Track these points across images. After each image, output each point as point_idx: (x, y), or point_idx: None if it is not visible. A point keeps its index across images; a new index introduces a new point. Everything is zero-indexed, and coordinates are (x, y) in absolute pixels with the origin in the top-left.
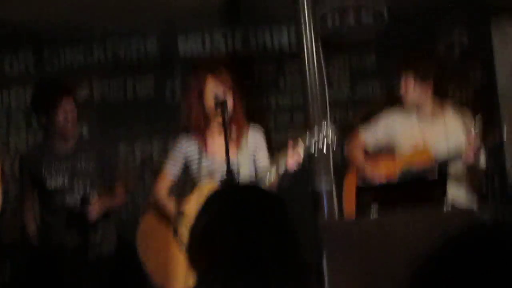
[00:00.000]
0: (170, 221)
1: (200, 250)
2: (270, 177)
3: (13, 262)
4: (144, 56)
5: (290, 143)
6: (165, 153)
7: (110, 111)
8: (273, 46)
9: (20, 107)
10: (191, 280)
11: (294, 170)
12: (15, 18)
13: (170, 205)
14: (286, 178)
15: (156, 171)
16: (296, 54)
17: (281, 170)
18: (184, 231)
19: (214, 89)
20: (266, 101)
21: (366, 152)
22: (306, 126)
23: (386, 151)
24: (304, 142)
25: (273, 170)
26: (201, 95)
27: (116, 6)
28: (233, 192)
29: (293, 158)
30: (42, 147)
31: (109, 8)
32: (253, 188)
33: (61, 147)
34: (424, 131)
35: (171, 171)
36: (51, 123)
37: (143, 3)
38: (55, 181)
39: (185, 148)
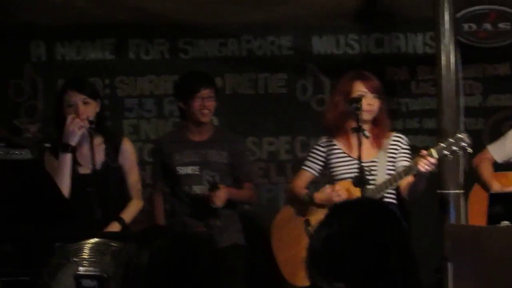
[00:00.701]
0: (304, 214)
1: (319, 262)
2: (402, 180)
3: (146, 248)
4: (277, 53)
5: (424, 151)
6: (291, 150)
7: (240, 105)
8: (407, 50)
9: (153, 93)
10: None
11: (426, 175)
12: (153, 8)
13: (299, 189)
14: (419, 181)
15: (281, 167)
16: (430, 59)
17: (414, 173)
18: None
19: (360, 92)
20: (396, 105)
21: (494, 167)
22: (437, 132)
23: None
24: (438, 150)
25: (406, 172)
26: (346, 97)
27: (253, 3)
28: (355, 207)
29: (426, 163)
30: (177, 133)
31: (245, 4)
32: (376, 204)
33: (195, 136)
34: None
35: (311, 167)
36: (188, 110)
37: (279, 2)
38: (185, 169)
39: (327, 147)
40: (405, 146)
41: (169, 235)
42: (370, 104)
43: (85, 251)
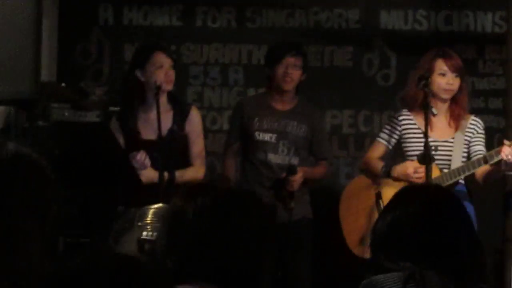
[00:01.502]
0: (376, 186)
1: (385, 245)
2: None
3: (190, 204)
4: (344, 26)
5: (507, 141)
6: (355, 124)
7: (306, 77)
8: (476, 28)
9: (219, 62)
10: None
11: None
12: None
13: (375, 161)
14: (496, 170)
15: (343, 141)
16: (498, 38)
17: (494, 161)
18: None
19: (442, 70)
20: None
21: None
22: (503, 112)
23: None
24: None
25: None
26: (429, 73)
27: None
28: (420, 193)
29: (510, 153)
30: (260, 98)
31: None
32: (442, 190)
33: (277, 104)
34: None
35: (386, 140)
36: (272, 77)
37: None
38: (263, 135)
39: (404, 121)
40: (481, 131)
41: (212, 192)
42: (449, 83)
43: (148, 216)
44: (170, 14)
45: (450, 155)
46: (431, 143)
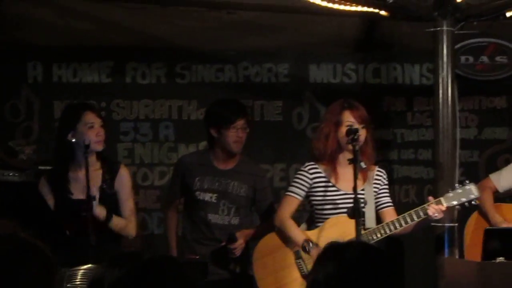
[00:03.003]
0: (292, 243)
1: None
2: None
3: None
4: (274, 80)
5: (432, 198)
6: (286, 177)
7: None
8: (404, 81)
9: (149, 117)
10: None
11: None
12: (151, 32)
13: (293, 227)
14: (422, 224)
15: (275, 194)
16: (426, 90)
17: (422, 216)
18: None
19: (350, 122)
20: (392, 135)
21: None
22: (432, 163)
23: None
24: (447, 199)
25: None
26: (337, 126)
27: (251, 29)
28: (339, 252)
29: (437, 210)
30: (201, 156)
31: (243, 31)
32: (361, 248)
33: (220, 164)
34: None
35: (298, 193)
36: (220, 139)
37: (278, 29)
38: (204, 195)
39: (313, 174)
40: (386, 182)
41: (133, 261)
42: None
43: (78, 277)
44: (99, 71)
45: (363, 208)
46: (343, 196)
